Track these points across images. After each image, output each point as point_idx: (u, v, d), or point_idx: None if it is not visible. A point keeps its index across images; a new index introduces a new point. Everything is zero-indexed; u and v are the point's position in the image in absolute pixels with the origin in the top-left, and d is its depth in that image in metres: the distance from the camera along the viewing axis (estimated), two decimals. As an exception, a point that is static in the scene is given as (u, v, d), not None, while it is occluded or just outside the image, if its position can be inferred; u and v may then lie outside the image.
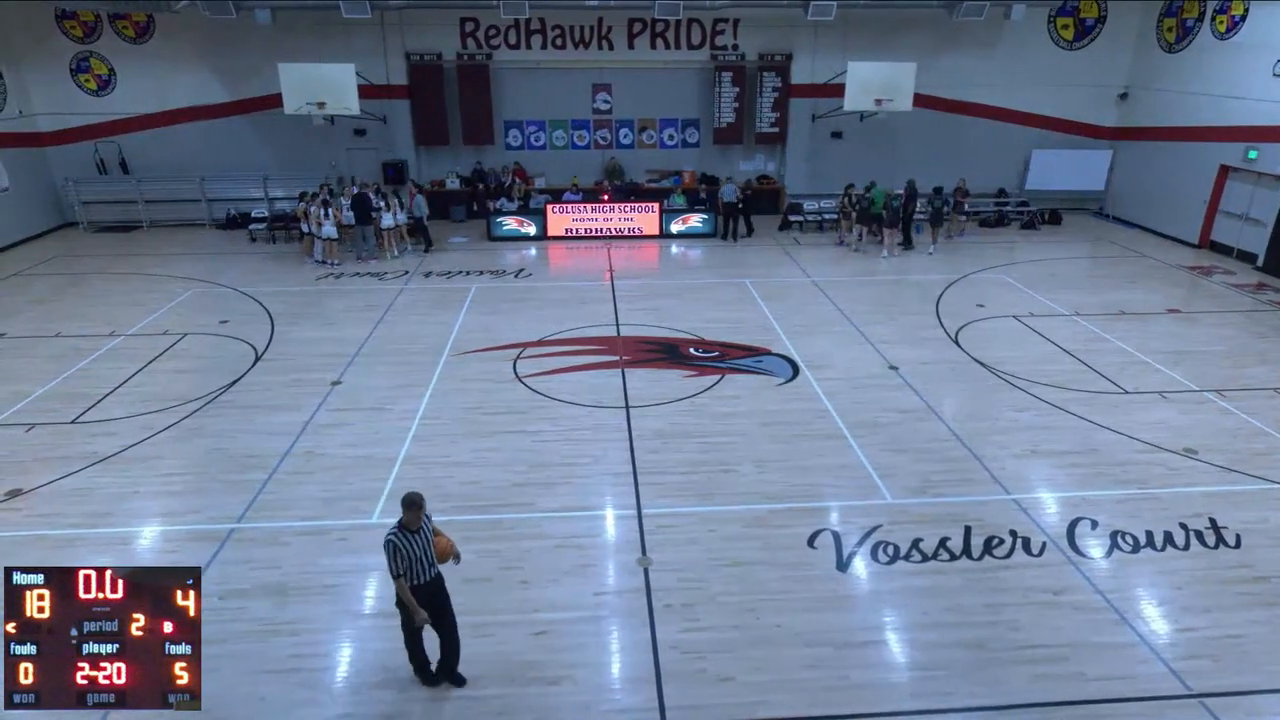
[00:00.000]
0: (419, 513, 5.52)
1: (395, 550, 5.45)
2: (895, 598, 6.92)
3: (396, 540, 5.46)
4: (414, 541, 5.50)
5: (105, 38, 19.22)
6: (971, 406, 10.49)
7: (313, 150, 20.13)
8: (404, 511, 5.54)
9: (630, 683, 6.01)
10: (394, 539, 5.47)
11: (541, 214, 19.05)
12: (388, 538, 5.49)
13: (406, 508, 5.52)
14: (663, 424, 9.91)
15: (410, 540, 5.49)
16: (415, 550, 5.50)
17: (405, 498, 5.54)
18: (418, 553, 5.52)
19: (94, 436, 9.60)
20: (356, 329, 13.11)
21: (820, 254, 18.03)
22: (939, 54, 20.09)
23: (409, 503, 5.52)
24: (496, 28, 19.77)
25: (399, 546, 5.45)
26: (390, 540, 5.47)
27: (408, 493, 5.56)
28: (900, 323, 13.47)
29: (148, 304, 14.34)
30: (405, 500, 5.53)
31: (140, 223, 20.28)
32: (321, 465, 8.97)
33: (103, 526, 7.86)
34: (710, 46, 20.35)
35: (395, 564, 5.48)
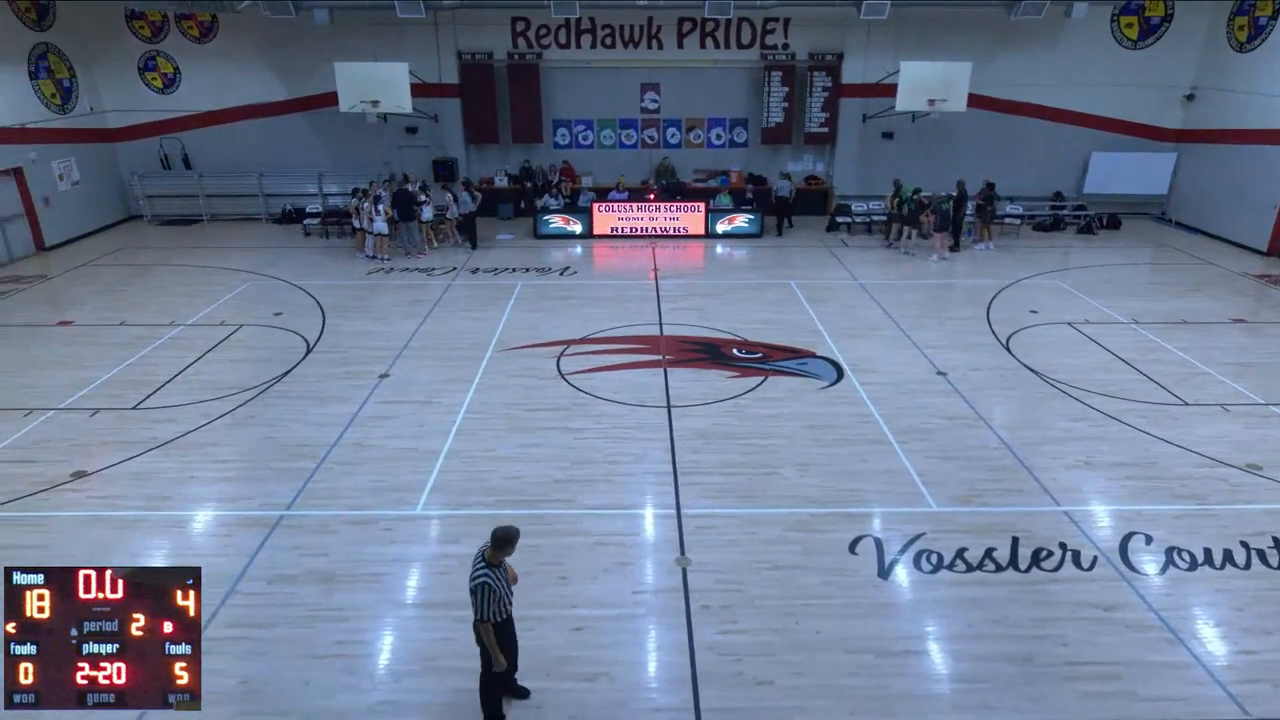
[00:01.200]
0: (511, 550, 5.17)
1: (490, 593, 5.05)
2: (938, 607, 6.80)
3: (491, 581, 5.05)
4: (503, 578, 5.20)
5: (171, 37, 19.90)
6: (1022, 414, 10.25)
7: (366, 147, 20.56)
8: (498, 548, 5.12)
9: (667, 683, 6.01)
10: (489, 580, 5.04)
11: (587, 212, 19.15)
12: (481, 579, 5.03)
13: (503, 544, 5.11)
14: (704, 424, 9.89)
15: (500, 578, 5.16)
16: (504, 588, 5.20)
17: (502, 534, 5.11)
18: (505, 590, 5.23)
19: (154, 422, 9.94)
20: (404, 323, 13.35)
21: (868, 256, 17.79)
22: (995, 53, 19.65)
23: (506, 539, 5.11)
24: (547, 27, 19.94)
25: (494, 588, 5.06)
26: (485, 582, 5.03)
27: (503, 528, 5.16)
28: (949, 327, 13.22)
29: (206, 295, 14.81)
30: (502, 536, 5.10)
31: (201, 216, 20.96)
32: (369, 456, 9.16)
33: (161, 509, 8.14)
34: (760, 46, 20.22)
35: (486, 606, 5.06)
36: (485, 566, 5.10)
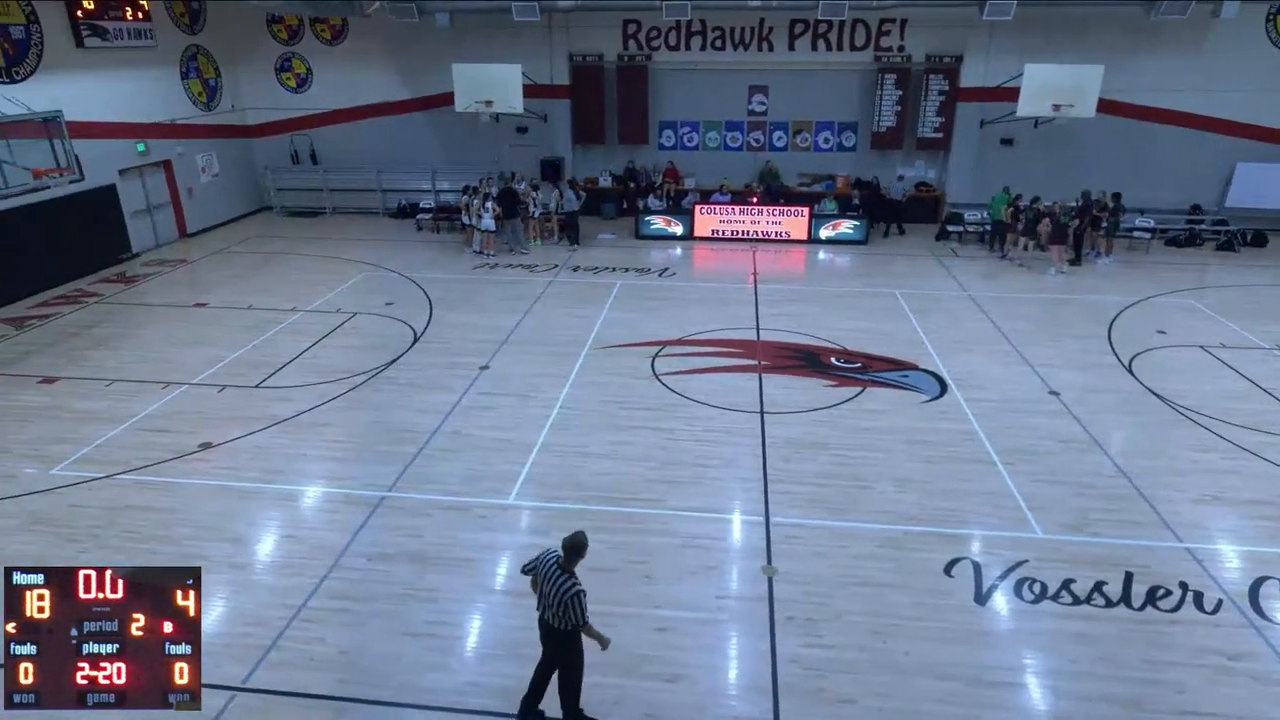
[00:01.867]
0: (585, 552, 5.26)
1: (585, 597, 5.18)
2: (1039, 639, 6.44)
3: (583, 587, 5.19)
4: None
5: (306, 40, 21.18)
6: (1143, 442, 9.58)
7: (478, 146, 21.24)
8: (575, 555, 5.22)
9: (746, 691, 5.95)
10: (581, 588, 5.17)
11: (689, 214, 19.16)
12: (576, 590, 5.13)
13: (580, 550, 5.23)
14: (797, 432, 9.72)
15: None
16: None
17: (577, 540, 5.22)
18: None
19: (274, 401, 10.60)
20: (506, 317, 13.72)
21: (979, 267, 17.04)
22: (1131, 56, 18.41)
23: (579, 546, 5.23)
24: (658, 29, 20.06)
25: (585, 591, 5.18)
26: (581, 590, 5.15)
27: (576, 535, 5.24)
28: (1065, 345, 12.50)
29: (325, 284, 15.66)
30: (579, 543, 5.22)
31: (324, 209, 22.21)
32: (466, 444, 9.46)
33: (276, 483, 8.67)
34: (875, 48, 19.69)
35: (583, 612, 5.18)
36: (571, 578, 5.16)
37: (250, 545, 7.68)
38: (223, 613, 6.73)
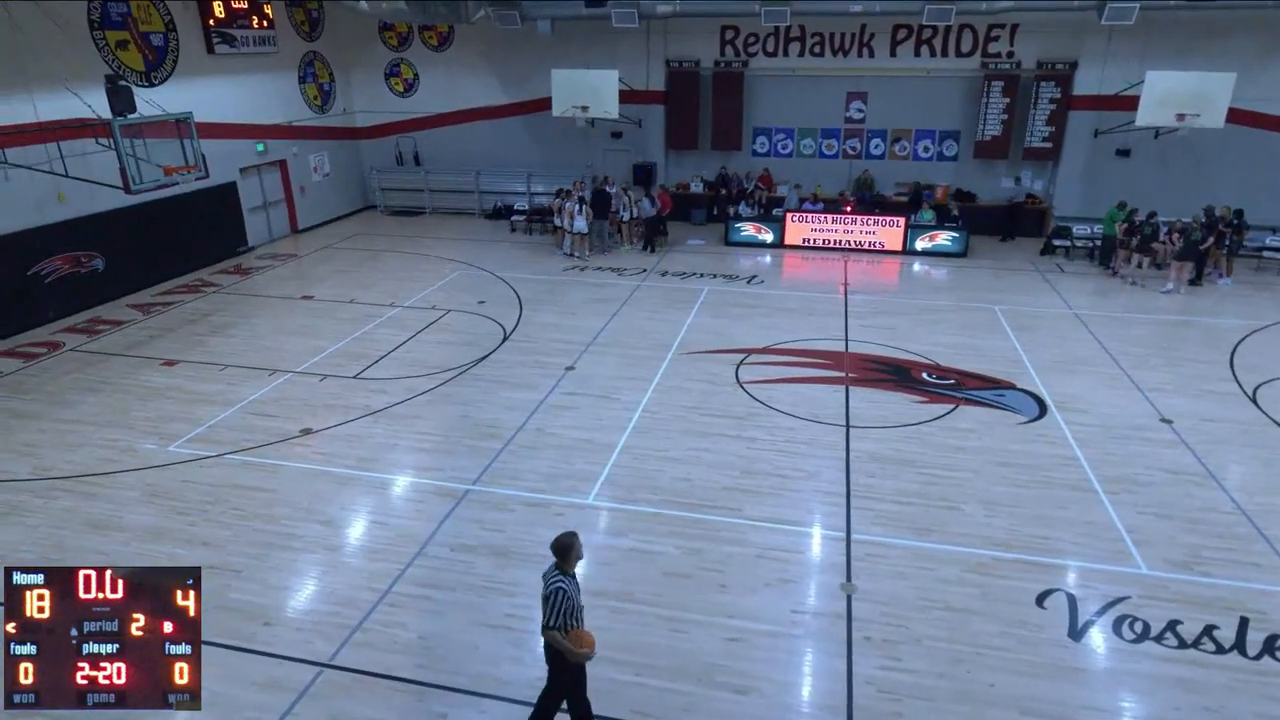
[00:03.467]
0: (577, 551, 5.09)
1: (565, 599, 4.92)
2: (1139, 683, 6.05)
3: (566, 586, 4.96)
4: (575, 588, 5.08)
5: (414, 46, 22.06)
6: (1266, 477, 8.87)
7: (572, 150, 21.62)
8: (562, 555, 5.04)
9: (819, 709, 5.82)
10: (564, 584, 4.95)
11: (780, 221, 18.93)
12: (556, 585, 4.93)
13: (566, 550, 5.03)
14: (883, 448, 9.46)
15: (572, 585, 5.04)
16: (577, 598, 5.08)
17: (561, 540, 5.06)
18: (578, 600, 5.10)
19: (370, 392, 11.06)
20: (593, 319, 13.89)
21: (1086, 284, 16.18)
22: (1267, 62, 17.12)
23: (566, 545, 5.03)
24: (756, 35, 19.92)
25: (569, 593, 4.96)
26: (561, 587, 4.93)
27: (560, 535, 5.12)
28: (1180, 370, 11.72)
29: (422, 281, 16.24)
30: (562, 544, 5.04)
31: (424, 209, 23.05)
32: (549, 443, 9.63)
33: (369, 470, 9.05)
34: (982, 54, 18.98)
35: (555, 614, 4.91)
36: (559, 574, 5.02)
37: (342, 528, 8.04)
38: (314, 591, 7.07)
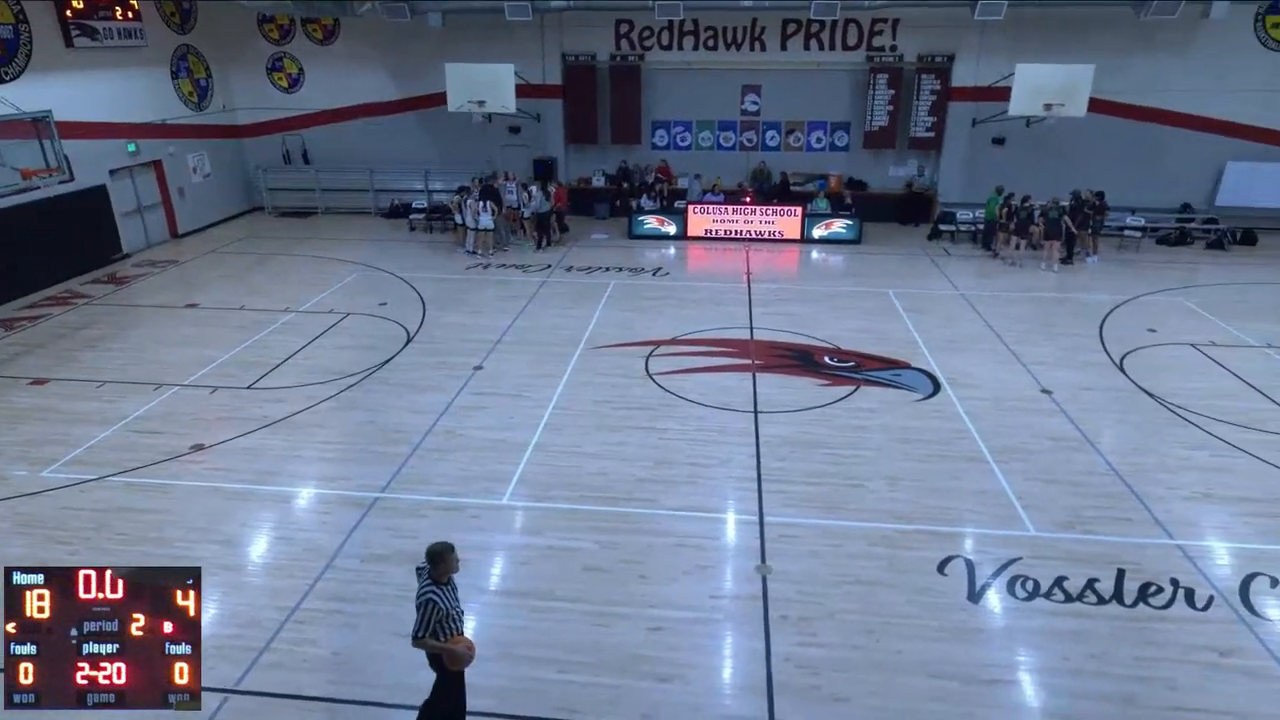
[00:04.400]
0: (450, 562, 4.98)
1: (434, 609, 4.85)
2: (1032, 637, 6.47)
3: (437, 596, 4.88)
4: (449, 596, 4.99)
5: (297, 40, 21.11)
6: (1135, 440, 9.63)
7: (470, 146, 21.20)
8: (433, 564, 4.93)
9: (741, 690, 5.95)
10: (434, 595, 4.87)
11: (682, 214, 19.16)
12: (427, 596, 4.86)
13: (436, 560, 4.93)
14: (791, 431, 9.74)
15: (446, 595, 4.96)
16: (452, 605, 4.99)
17: (431, 549, 4.95)
18: (454, 608, 5.01)
19: (266, 402, 10.56)
20: (499, 317, 13.70)
21: (971, 266, 17.10)
22: (1122, 56, 18.48)
23: (436, 554, 4.93)
24: (650, 29, 20.06)
25: (438, 603, 4.87)
26: (431, 598, 4.85)
27: (433, 544, 4.99)
28: (1057, 344, 12.55)
29: (318, 284, 15.61)
30: (433, 552, 4.94)
31: (316, 209, 22.15)
32: (460, 445, 9.44)
33: (269, 484, 8.64)
34: (867, 48, 19.74)
35: (427, 625, 4.85)
36: (431, 584, 4.93)
37: (243, 547, 7.65)
38: (216, 615, 6.70)
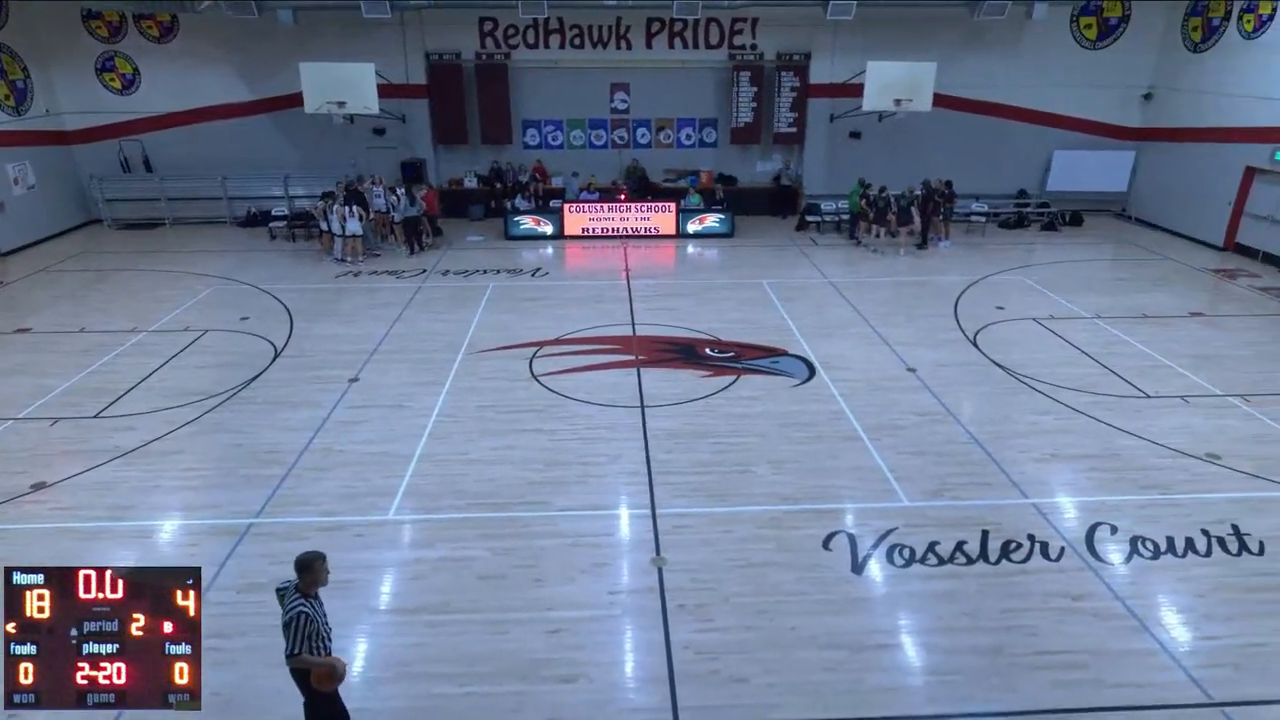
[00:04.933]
0: (318, 573, 4.80)
1: (307, 622, 4.66)
2: (911, 601, 6.88)
3: (309, 610, 4.70)
4: (320, 610, 4.84)
5: (130, 37, 19.50)
6: (990, 410, 10.41)
7: (333, 149, 20.29)
8: (301, 574, 4.74)
9: (644, 683, 6.02)
10: (305, 606, 4.69)
11: (558, 213, 19.10)
12: (297, 609, 4.67)
13: (304, 569, 4.74)
14: (678, 424, 9.91)
15: (316, 608, 4.80)
16: (322, 619, 4.85)
17: (300, 559, 4.77)
18: (325, 623, 4.88)
19: (116, 431, 9.73)
20: (374, 326, 13.20)
21: (837, 254, 17.96)
22: (961, 53, 19.91)
23: (305, 564, 4.74)
24: (515, 27, 19.85)
25: (310, 614, 4.70)
26: (302, 612, 4.66)
27: (301, 554, 4.82)
28: (918, 324, 13.39)
29: (170, 300, 14.52)
30: (301, 562, 4.75)
31: (163, 220, 20.55)
32: (339, 461, 9.04)
33: (126, 520, 7.96)
34: (729, 46, 20.32)
35: (299, 640, 4.65)
36: (300, 597, 4.76)
37: (99, 590, 7.01)
38: (71, 667, 6.11)
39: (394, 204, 17.74)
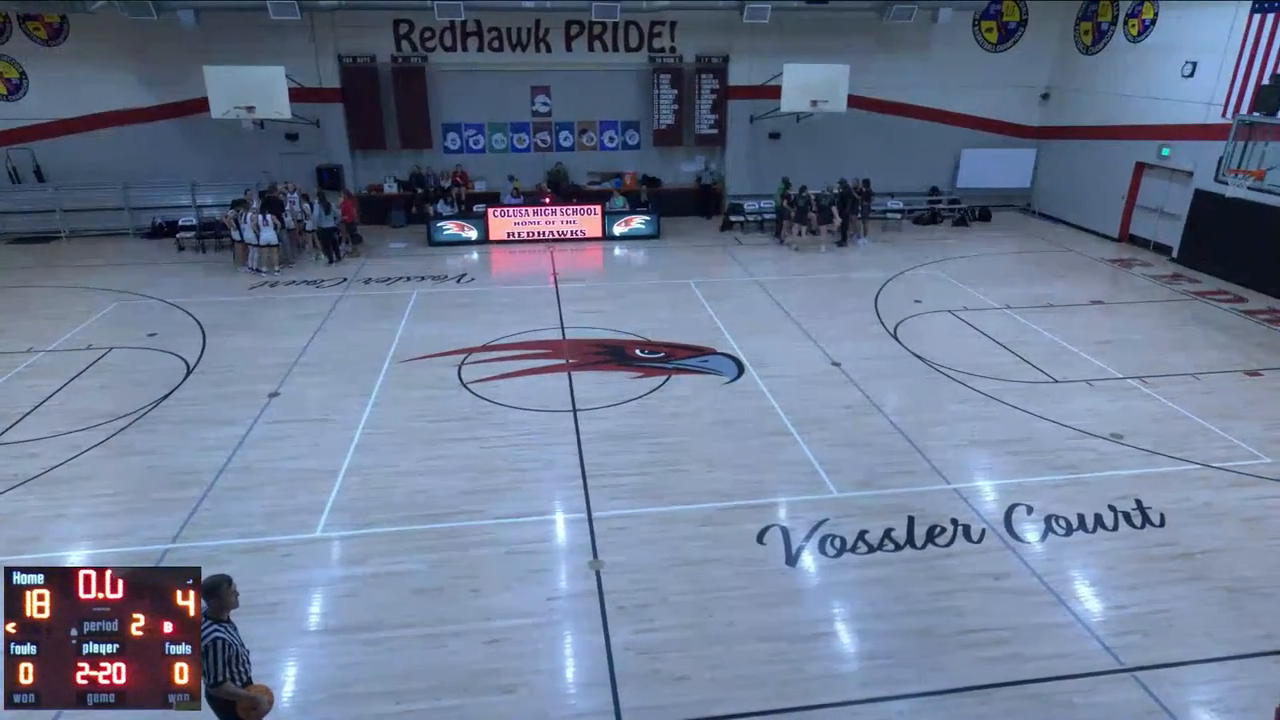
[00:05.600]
0: (226, 596, 4.65)
1: (225, 647, 4.58)
2: (844, 589, 7.06)
3: (226, 636, 4.60)
4: (234, 634, 4.71)
5: (15, 39, 18.30)
6: (912, 400, 10.77)
7: (243, 156, 19.49)
8: (209, 599, 4.53)
9: (585, 687, 6.00)
10: (221, 635, 4.58)
11: (483, 218, 18.85)
12: (213, 635, 4.53)
13: (211, 593, 4.55)
14: (611, 426, 9.91)
15: (232, 633, 4.68)
16: (239, 644, 4.73)
17: (205, 583, 4.42)
18: (242, 646, 4.77)
19: (15, 459, 9.12)
20: (294, 338, 12.76)
21: (761, 254, 18.28)
22: (873, 56, 20.54)
23: (212, 588, 4.55)
24: (431, 29, 19.50)
25: (228, 639, 4.61)
26: (219, 638, 4.55)
27: (208, 578, 4.48)
28: (841, 320, 13.75)
29: (69, 318, 13.69)
30: (207, 586, 4.48)
31: (59, 233, 19.36)
32: (262, 479, 8.70)
33: (30, 552, 7.47)
34: (648, 49, 20.44)
35: (220, 667, 4.54)
36: (213, 623, 4.59)
37: (0, 629, 6.56)
38: (-29, 713, 5.71)
39: (306, 212, 17.18)
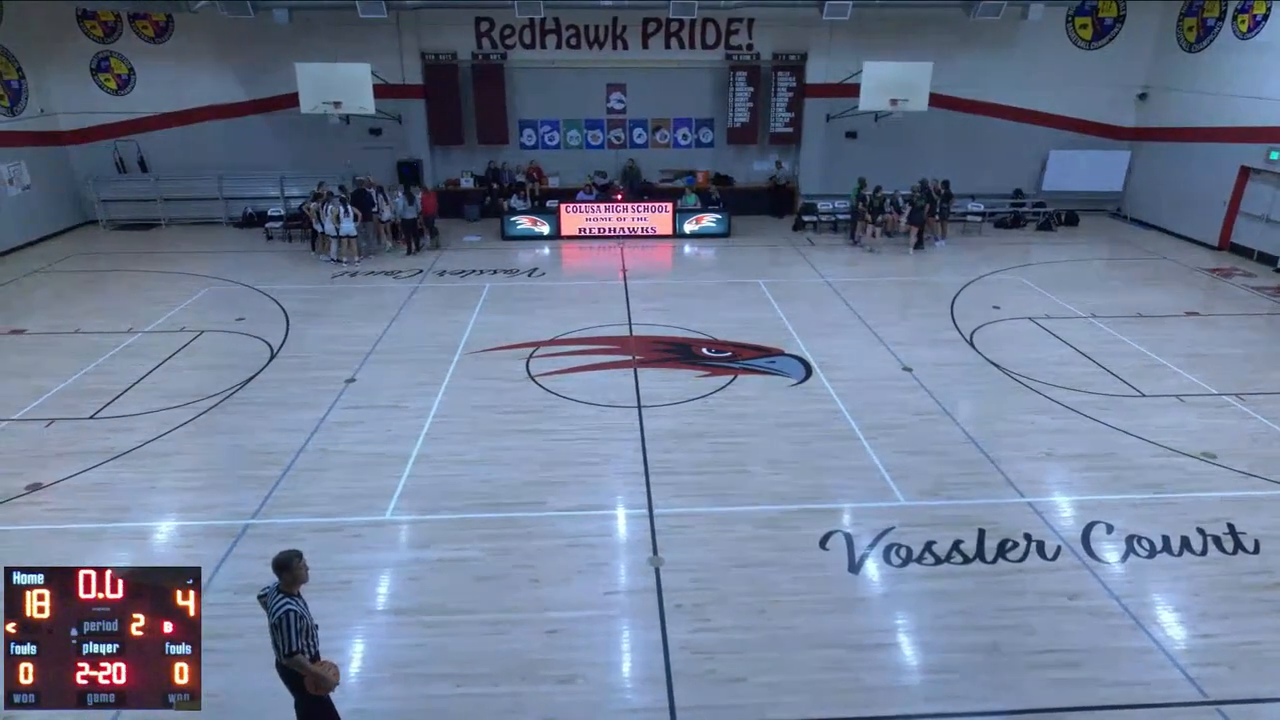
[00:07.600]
0: (298, 570, 4.76)
1: (297, 619, 4.67)
2: (907, 600, 6.89)
3: (298, 608, 4.69)
4: (305, 608, 4.81)
5: (125, 38, 19.45)
6: (986, 409, 10.42)
7: (328, 149, 20.26)
8: (281, 574, 4.71)
9: (641, 683, 6.02)
10: (293, 608, 4.66)
11: (555, 214, 19.09)
12: (285, 608, 4.65)
13: (283, 568, 4.71)
14: (675, 424, 9.91)
15: (303, 607, 4.77)
16: (309, 617, 4.82)
17: (278, 559, 4.74)
18: (311, 620, 4.84)
19: (112, 432, 9.70)
20: (371, 327, 13.19)
21: (834, 255, 17.97)
22: (956, 54, 19.93)
23: (283, 563, 4.71)
24: (511, 27, 19.84)
25: (300, 613, 4.70)
26: (290, 609, 4.65)
27: (280, 553, 4.80)
28: (914, 324, 13.40)
29: (166, 301, 14.49)
30: (279, 561, 4.72)
31: (159, 220, 20.52)
32: (336, 462, 9.03)
33: (122, 521, 7.95)
34: (725, 46, 20.32)
35: (293, 638, 4.64)
36: (284, 597, 4.73)
37: (95, 592, 6.99)
38: (67, 669, 6.10)
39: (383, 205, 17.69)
